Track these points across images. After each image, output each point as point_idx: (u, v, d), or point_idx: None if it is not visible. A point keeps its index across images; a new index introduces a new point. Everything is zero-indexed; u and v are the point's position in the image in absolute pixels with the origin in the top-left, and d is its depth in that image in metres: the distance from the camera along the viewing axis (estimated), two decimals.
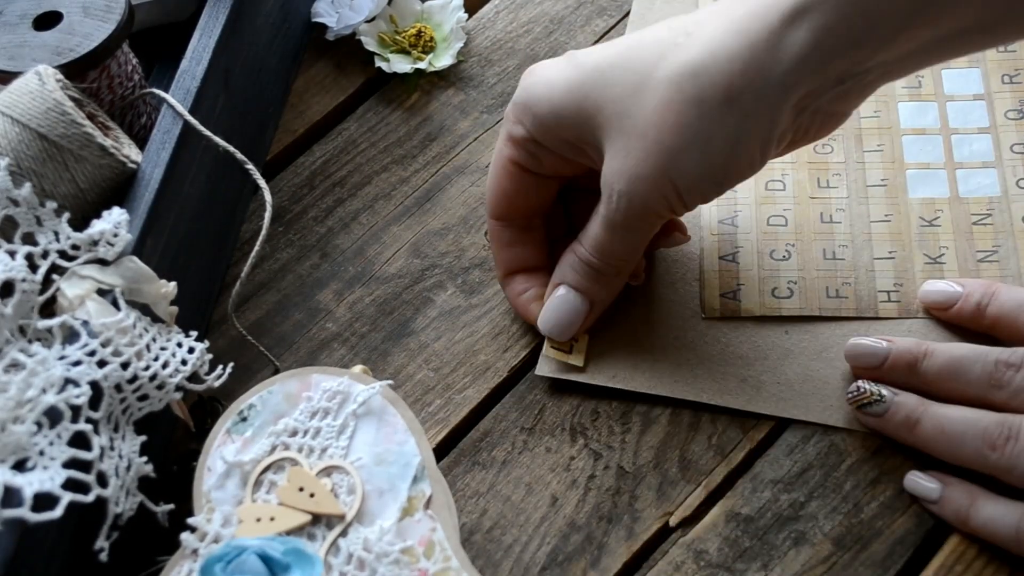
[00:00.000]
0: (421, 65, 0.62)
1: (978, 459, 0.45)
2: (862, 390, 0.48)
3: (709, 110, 0.43)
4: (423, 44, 0.63)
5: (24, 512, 0.36)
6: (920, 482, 0.47)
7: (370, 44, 0.63)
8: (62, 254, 0.43)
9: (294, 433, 0.45)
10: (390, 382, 0.46)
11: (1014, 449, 0.43)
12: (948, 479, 0.46)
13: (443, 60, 0.62)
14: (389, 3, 0.64)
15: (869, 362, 0.49)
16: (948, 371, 0.47)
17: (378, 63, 0.63)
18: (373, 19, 0.64)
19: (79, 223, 0.44)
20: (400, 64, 0.62)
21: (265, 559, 0.41)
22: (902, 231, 0.54)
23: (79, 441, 0.39)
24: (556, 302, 0.50)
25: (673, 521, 0.48)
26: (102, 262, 0.44)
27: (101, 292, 0.43)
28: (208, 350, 0.46)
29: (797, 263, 0.53)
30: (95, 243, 0.43)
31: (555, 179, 0.51)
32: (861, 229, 0.54)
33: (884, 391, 0.48)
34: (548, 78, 0.47)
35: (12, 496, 0.36)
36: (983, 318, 0.49)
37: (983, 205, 0.54)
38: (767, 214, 0.55)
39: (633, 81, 0.44)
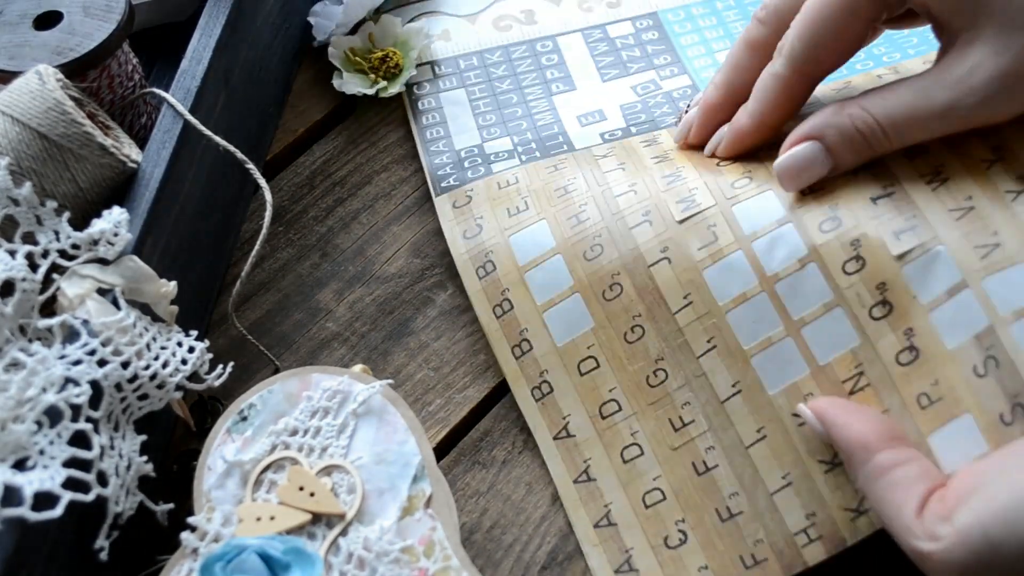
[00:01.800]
0: (371, 91, 0.61)
1: None
2: None
3: None
4: (386, 69, 0.62)
5: (24, 511, 0.36)
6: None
7: (335, 57, 0.62)
8: (62, 253, 0.43)
9: (294, 432, 0.45)
10: (390, 381, 0.46)
11: None
12: None
13: (394, 88, 0.62)
14: (375, 22, 0.64)
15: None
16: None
17: (334, 79, 0.62)
18: (356, 31, 0.64)
19: (79, 222, 0.44)
20: (352, 85, 0.62)
21: (265, 558, 0.41)
22: (782, 444, 0.45)
23: (79, 440, 0.39)
24: (805, 152, 0.44)
25: None
26: (102, 261, 0.44)
27: (101, 291, 0.43)
28: (208, 350, 0.46)
29: (698, 541, 0.45)
30: (95, 242, 0.43)
31: (872, 24, 0.45)
32: (742, 465, 0.45)
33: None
34: None
35: (12, 495, 0.36)
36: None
37: (849, 364, 0.44)
38: (641, 492, 0.46)
39: None
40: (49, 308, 0.43)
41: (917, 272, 0.42)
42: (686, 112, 0.52)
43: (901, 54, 0.58)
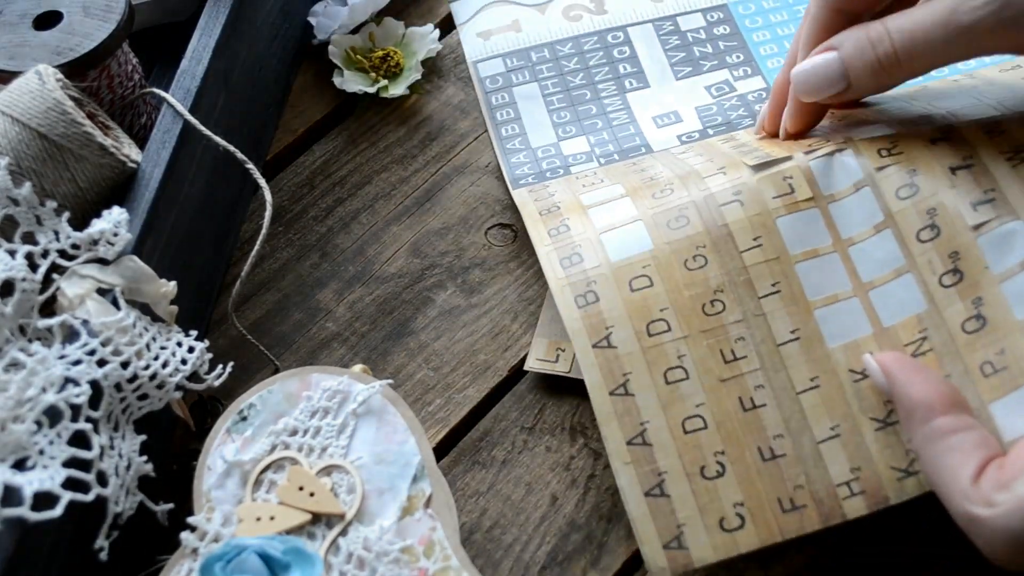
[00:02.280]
0: (371, 89, 0.61)
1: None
2: None
3: None
4: (387, 68, 0.62)
5: (24, 511, 0.36)
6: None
7: (336, 56, 0.63)
8: (62, 253, 0.43)
9: (294, 432, 0.45)
10: (390, 381, 0.46)
11: None
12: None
13: (398, 88, 0.62)
14: (377, 23, 0.64)
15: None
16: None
17: (335, 76, 0.62)
18: (357, 31, 0.64)
19: (79, 222, 0.44)
20: (352, 83, 0.62)
21: (265, 558, 0.41)
22: (835, 396, 0.44)
23: (79, 440, 0.39)
24: (822, 61, 0.45)
25: None
26: (102, 261, 0.44)
27: (101, 291, 0.43)
28: (208, 349, 0.46)
29: (736, 477, 0.44)
30: (95, 242, 0.43)
31: None
32: (791, 409, 0.44)
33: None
34: None
35: (12, 495, 0.36)
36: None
37: (913, 328, 0.44)
38: (682, 416, 0.45)
39: None
40: (49, 308, 0.43)
41: (991, 243, 0.43)
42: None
43: (977, 63, 0.58)
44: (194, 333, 0.46)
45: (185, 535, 0.42)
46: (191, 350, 0.45)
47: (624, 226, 0.48)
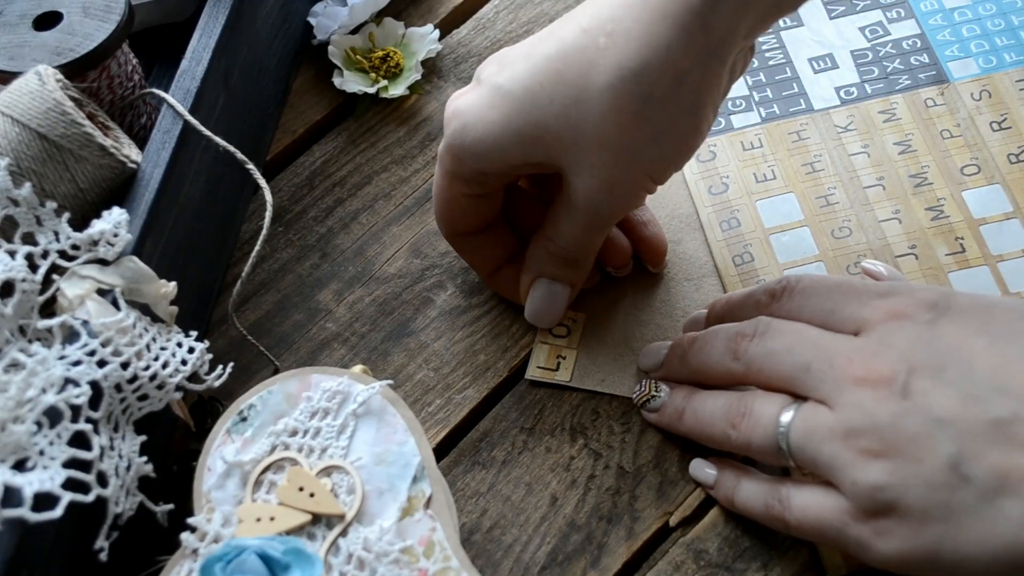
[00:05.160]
0: (371, 89, 0.61)
1: (726, 440, 0.45)
2: (642, 389, 0.50)
3: (663, 100, 0.43)
4: (387, 68, 0.62)
5: (24, 512, 0.36)
6: (702, 467, 0.48)
7: (335, 56, 0.62)
8: (62, 254, 0.43)
9: (294, 433, 0.45)
10: (390, 382, 0.46)
11: (748, 424, 0.44)
12: (720, 463, 0.47)
13: (398, 88, 0.62)
14: (377, 23, 0.64)
15: (654, 365, 0.50)
16: (701, 352, 0.47)
17: (335, 76, 0.62)
18: (357, 32, 0.64)
19: (79, 223, 0.44)
20: (352, 83, 0.62)
21: (265, 559, 0.41)
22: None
23: (79, 441, 0.39)
24: (539, 294, 0.51)
25: (673, 521, 0.48)
26: (102, 262, 0.44)
27: (101, 292, 0.43)
28: (208, 350, 0.46)
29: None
30: (95, 243, 0.43)
31: (502, 188, 0.51)
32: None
33: (662, 387, 0.49)
34: (480, 116, 0.46)
35: (12, 496, 0.36)
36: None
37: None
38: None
39: (571, 95, 0.44)
40: (49, 309, 0.43)
41: None
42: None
43: None
44: (194, 334, 0.46)
45: (185, 536, 0.42)
46: (191, 351, 0.45)
47: (805, 265, 0.54)
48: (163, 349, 0.44)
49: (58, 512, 0.36)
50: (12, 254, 0.42)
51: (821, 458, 0.41)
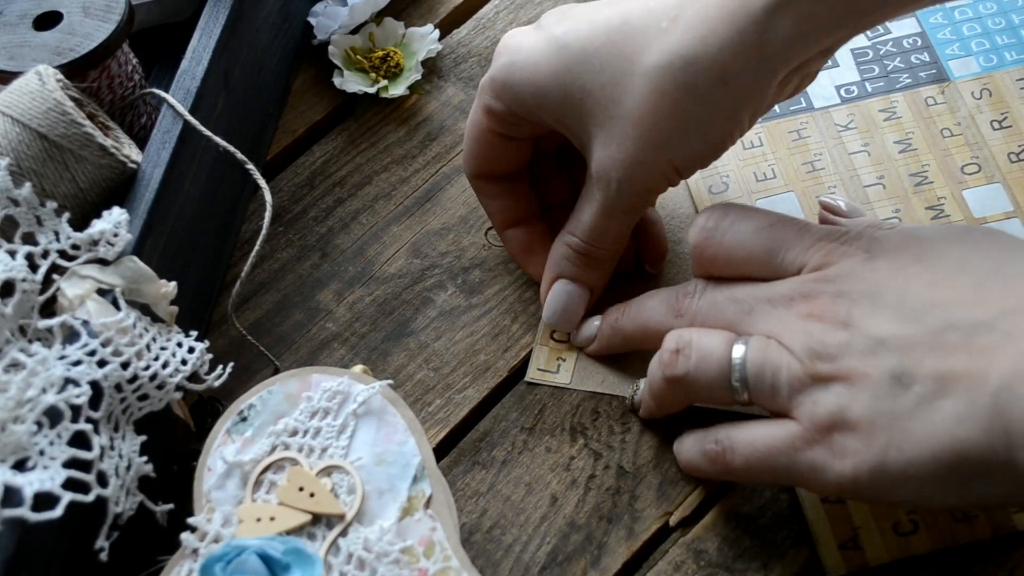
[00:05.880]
0: (371, 89, 0.61)
1: (660, 380, 0.46)
2: (634, 393, 0.50)
3: (704, 94, 0.44)
4: (387, 68, 0.62)
5: (24, 512, 0.36)
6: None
7: (335, 56, 0.62)
8: (62, 254, 0.43)
9: (294, 433, 0.45)
10: (390, 382, 0.46)
11: (687, 363, 0.44)
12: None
13: (398, 88, 0.62)
14: (377, 23, 0.64)
15: (586, 339, 0.52)
16: (639, 317, 0.49)
17: (335, 76, 0.62)
18: (357, 32, 0.64)
19: (79, 223, 0.44)
20: (352, 83, 0.62)
21: (265, 559, 0.41)
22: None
23: (79, 441, 0.39)
24: (557, 295, 0.51)
25: (673, 521, 0.48)
26: (102, 262, 0.44)
27: (101, 292, 0.43)
28: (208, 350, 0.46)
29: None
30: (95, 243, 0.43)
31: (532, 139, 0.52)
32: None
33: (639, 382, 0.50)
34: (531, 60, 0.47)
35: (12, 496, 0.36)
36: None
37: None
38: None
39: (621, 68, 0.45)
40: (49, 309, 0.43)
41: None
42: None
43: None
44: (194, 333, 0.46)
45: (185, 536, 0.42)
46: (191, 350, 0.45)
47: None
48: (163, 349, 0.44)
49: (58, 512, 0.36)
50: (12, 254, 0.42)
51: (779, 388, 0.42)
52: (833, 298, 0.42)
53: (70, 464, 0.38)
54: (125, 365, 0.42)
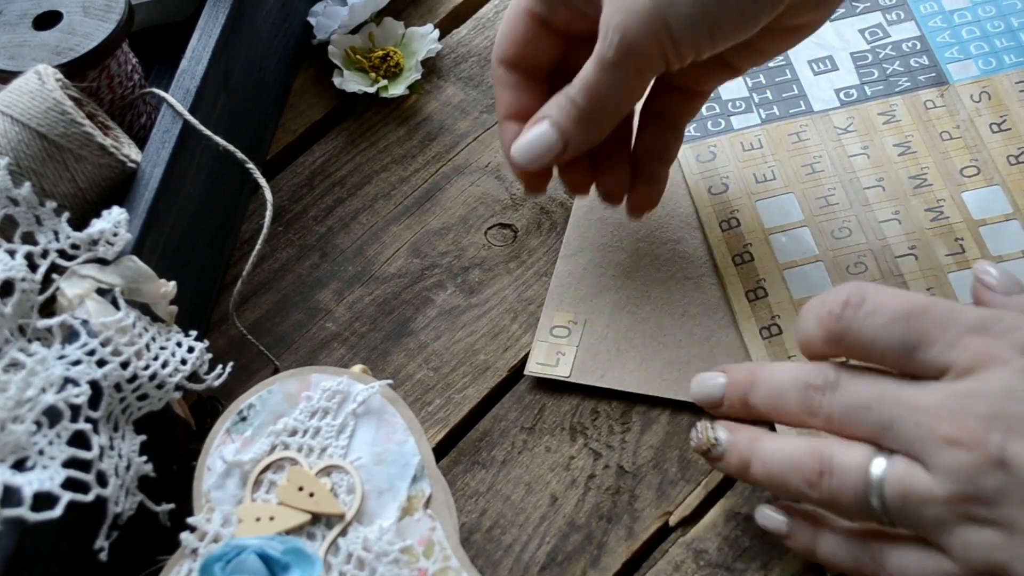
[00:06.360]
0: (371, 89, 0.61)
1: (805, 496, 0.42)
2: (700, 438, 0.45)
3: None
4: (387, 68, 0.62)
5: (24, 511, 0.36)
6: (770, 515, 0.45)
7: (335, 56, 0.62)
8: (62, 253, 0.43)
9: (294, 432, 0.45)
10: (390, 382, 0.46)
11: (831, 483, 0.41)
12: (795, 510, 0.45)
13: (398, 88, 0.62)
14: (377, 23, 0.64)
15: (711, 402, 0.46)
16: (771, 403, 0.44)
17: (335, 76, 0.62)
18: (357, 31, 0.64)
19: (79, 222, 0.44)
20: (352, 83, 0.62)
21: (265, 558, 0.41)
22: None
23: (79, 440, 0.39)
24: (533, 133, 0.49)
25: (673, 520, 0.48)
26: (102, 261, 0.44)
27: (101, 291, 0.43)
28: (208, 350, 0.46)
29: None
30: (95, 242, 0.43)
31: (564, 37, 0.51)
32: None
33: (720, 434, 0.45)
34: None
35: (12, 495, 0.36)
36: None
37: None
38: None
39: None
40: (49, 308, 0.43)
41: None
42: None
43: None
44: (194, 333, 0.46)
45: (185, 535, 0.42)
46: (191, 350, 0.45)
47: (805, 265, 0.54)
48: (163, 349, 0.44)
49: (58, 512, 0.36)
50: (12, 253, 0.42)
51: (924, 521, 0.39)
52: (986, 422, 0.38)
53: (69, 464, 0.38)
54: (124, 365, 0.42)
